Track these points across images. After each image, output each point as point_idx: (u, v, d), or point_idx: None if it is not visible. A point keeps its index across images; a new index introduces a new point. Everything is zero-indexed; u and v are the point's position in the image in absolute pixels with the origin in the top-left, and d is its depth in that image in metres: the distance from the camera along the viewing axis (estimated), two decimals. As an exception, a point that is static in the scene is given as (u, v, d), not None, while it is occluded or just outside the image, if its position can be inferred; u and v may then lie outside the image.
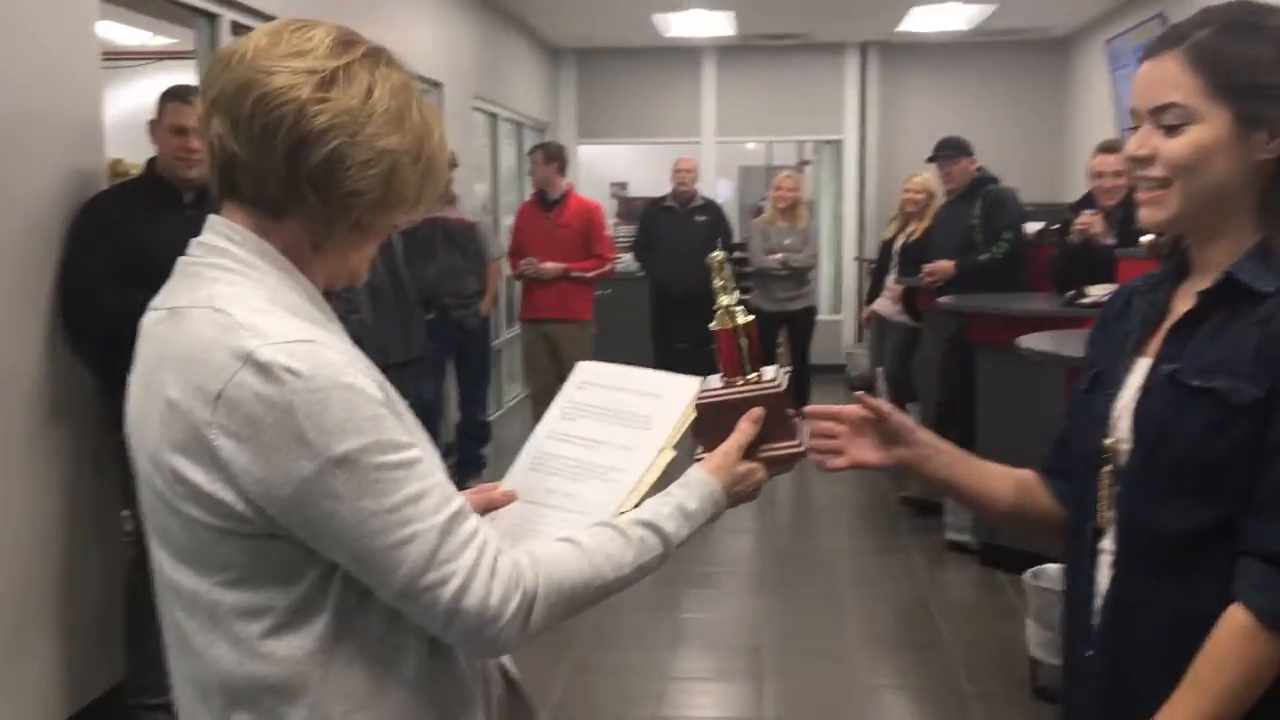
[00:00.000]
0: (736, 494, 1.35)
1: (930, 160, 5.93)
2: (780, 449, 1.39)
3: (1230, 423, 1.21)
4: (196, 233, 1.19)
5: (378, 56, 1.17)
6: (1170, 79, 1.25)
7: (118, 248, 3.17)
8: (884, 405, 1.50)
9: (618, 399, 1.42)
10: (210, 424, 1.05)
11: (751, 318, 1.43)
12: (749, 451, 1.37)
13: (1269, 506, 1.19)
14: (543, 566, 1.15)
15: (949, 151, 5.82)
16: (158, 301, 1.17)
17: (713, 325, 1.43)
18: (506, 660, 1.29)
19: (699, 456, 1.38)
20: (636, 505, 1.30)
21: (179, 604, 1.14)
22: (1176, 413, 1.25)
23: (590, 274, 6.28)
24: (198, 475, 1.07)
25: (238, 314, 1.09)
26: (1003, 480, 1.54)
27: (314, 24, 1.16)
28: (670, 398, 1.40)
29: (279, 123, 1.10)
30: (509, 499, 1.36)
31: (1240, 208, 1.26)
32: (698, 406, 1.40)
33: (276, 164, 1.11)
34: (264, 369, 1.04)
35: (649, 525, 1.25)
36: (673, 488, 1.31)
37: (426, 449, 1.14)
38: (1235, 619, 1.20)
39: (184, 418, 1.07)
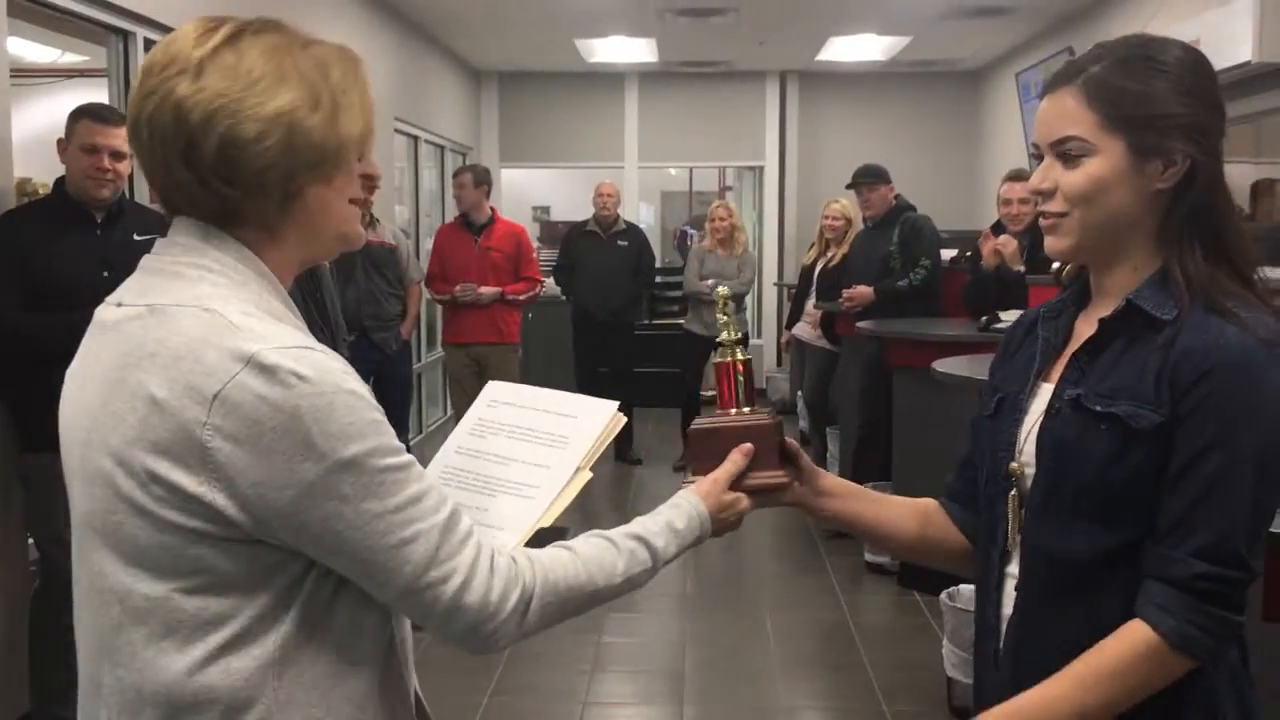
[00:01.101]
0: (721, 520, 1.41)
1: (849, 187, 6.02)
2: (764, 478, 1.46)
3: (1131, 448, 1.23)
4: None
5: (243, 28, 1.12)
6: (1068, 113, 1.28)
7: (26, 269, 3.09)
8: (802, 456, 1.51)
9: (530, 418, 1.43)
10: (204, 425, 1.03)
11: (750, 357, 1.53)
12: (737, 483, 1.43)
13: (1173, 533, 1.21)
14: (539, 567, 1.18)
15: (868, 179, 5.91)
16: (125, 299, 1.14)
17: (714, 359, 1.52)
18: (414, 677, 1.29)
19: (688, 481, 1.44)
20: (552, 524, 1.31)
21: (124, 610, 1.10)
22: (1079, 437, 1.27)
23: (523, 296, 6.30)
24: (181, 477, 1.04)
25: (230, 315, 1.07)
26: (901, 510, 1.56)
27: (187, 26, 1.14)
28: (586, 418, 1.42)
29: (164, 131, 1.09)
30: None
31: (1139, 236, 1.30)
32: (691, 433, 1.49)
33: (182, 172, 1.10)
34: (269, 372, 1.03)
35: (639, 539, 1.29)
36: (662, 508, 1.36)
37: None
38: (1139, 635, 1.22)
39: (172, 418, 1.04)
